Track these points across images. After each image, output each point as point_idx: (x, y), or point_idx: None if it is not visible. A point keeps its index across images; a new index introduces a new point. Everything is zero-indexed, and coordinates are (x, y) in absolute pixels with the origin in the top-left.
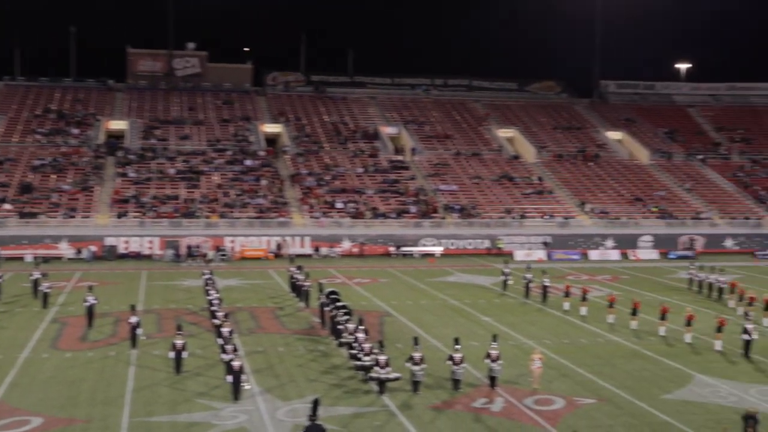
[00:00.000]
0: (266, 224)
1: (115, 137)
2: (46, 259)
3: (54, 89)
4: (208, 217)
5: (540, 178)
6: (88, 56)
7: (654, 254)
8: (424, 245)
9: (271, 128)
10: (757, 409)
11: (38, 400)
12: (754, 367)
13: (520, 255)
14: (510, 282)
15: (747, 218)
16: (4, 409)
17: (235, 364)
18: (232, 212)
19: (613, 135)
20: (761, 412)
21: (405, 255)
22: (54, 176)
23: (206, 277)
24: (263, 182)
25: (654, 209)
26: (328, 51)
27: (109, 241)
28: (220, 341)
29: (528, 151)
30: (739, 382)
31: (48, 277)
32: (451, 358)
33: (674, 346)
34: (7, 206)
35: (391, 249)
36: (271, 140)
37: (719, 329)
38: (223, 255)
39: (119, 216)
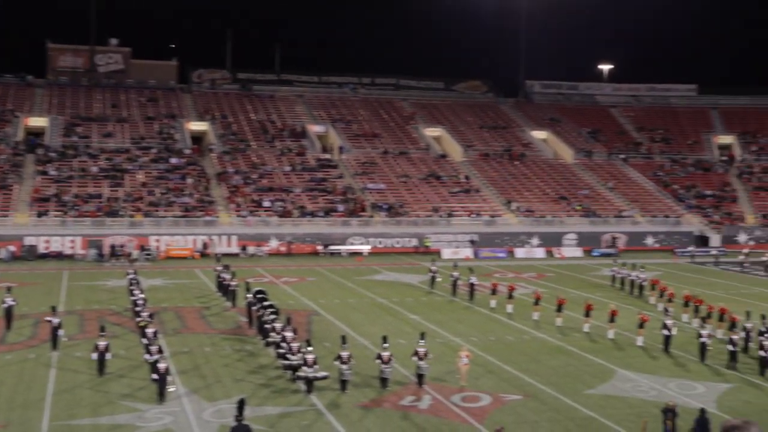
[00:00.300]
0: (192, 223)
1: (35, 134)
2: None
3: None
4: (132, 216)
5: (467, 177)
6: (6, 51)
7: (578, 252)
8: (352, 244)
9: (196, 126)
10: (675, 402)
11: None
12: (673, 361)
13: (447, 253)
14: (438, 279)
15: (667, 216)
16: None
17: (161, 365)
18: (157, 211)
19: (538, 134)
20: (679, 405)
21: (333, 254)
22: None
23: (130, 276)
24: (189, 181)
25: (578, 208)
26: (254, 48)
27: (29, 240)
28: (145, 341)
29: (455, 150)
30: (659, 376)
31: None
32: (379, 357)
33: (598, 342)
34: None
35: (319, 248)
36: (197, 138)
37: (641, 325)
38: (148, 254)
39: (39, 215)
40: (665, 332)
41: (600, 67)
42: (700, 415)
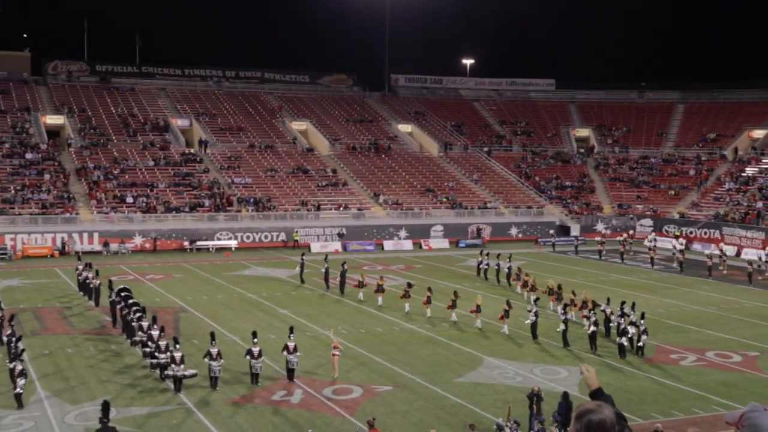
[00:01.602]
0: (50, 221)
1: None
2: None
3: None
4: None
5: (334, 171)
6: None
7: (445, 243)
8: (219, 239)
9: (53, 120)
10: (540, 387)
11: None
12: (538, 347)
13: (316, 247)
14: (306, 271)
15: (530, 207)
16: None
17: (19, 368)
18: (12, 208)
19: (404, 128)
20: (544, 390)
21: (200, 249)
22: None
23: None
24: (46, 176)
25: (444, 200)
26: (113, 39)
27: None
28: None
29: (322, 144)
30: (524, 362)
31: None
32: (249, 352)
33: (465, 331)
34: None
35: (186, 243)
36: (54, 132)
37: (506, 314)
38: (3, 254)
39: None
40: (531, 319)
41: (463, 61)
42: (563, 398)
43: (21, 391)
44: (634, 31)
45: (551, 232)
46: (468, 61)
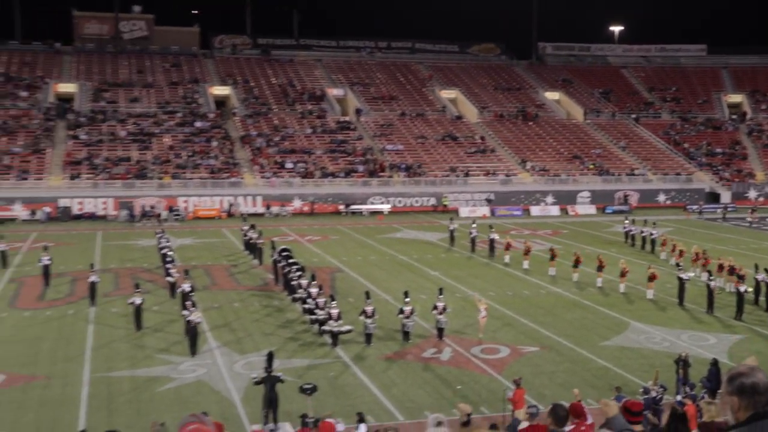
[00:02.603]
0: (218, 185)
1: (65, 100)
2: (1, 221)
3: (0, 52)
4: (160, 178)
5: (482, 138)
6: (33, 19)
7: (591, 209)
8: (373, 203)
9: (219, 90)
10: (687, 352)
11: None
12: (685, 314)
13: (464, 212)
14: (456, 235)
15: (678, 174)
16: None
17: (193, 319)
18: (184, 173)
19: (551, 95)
20: (692, 356)
21: (354, 213)
22: (4, 139)
23: (159, 236)
24: (214, 143)
25: (591, 166)
26: (273, 13)
27: (63, 202)
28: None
29: (470, 112)
30: (671, 328)
31: (5, 238)
32: (401, 311)
33: (610, 295)
34: None
35: (341, 207)
36: (220, 102)
37: (651, 279)
38: (177, 215)
39: (72, 178)
40: (681, 277)
41: (611, 28)
42: (712, 364)
43: (196, 341)
44: None
45: (697, 198)
46: (616, 28)
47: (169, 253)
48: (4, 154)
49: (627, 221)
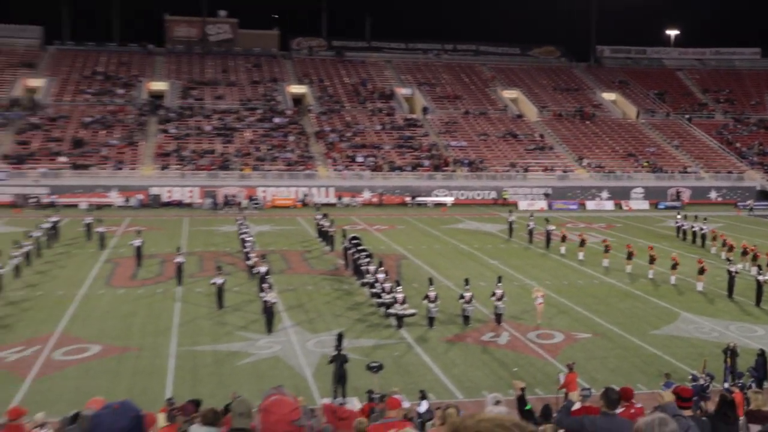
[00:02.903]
0: (294, 176)
1: (156, 97)
2: (99, 207)
3: (100, 53)
4: (242, 169)
5: (541, 135)
6: (129, 23)
7: (645, 205)
8: (437, 196)
9: (296, 89)
10: (736, 343)
11: (96, 331)
12: (734, 306)
13: (523, 205)
14: (515, 227)
15: (730, 172)
16: (66, 338)
17: (269, 299)
18: (263, 165)
19: (608, 96)
20: (739, 346)
21: (419, 204)
22: (103, 132)
23: (240, 223)
24: (291, 138)
25: (645, 164)
26: (347, 17)
27: (154, 190)
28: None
29: (530, 111)
30: (720, 319)
31: (104, 222)
32: (462, 297)
33: (661, 286)
34: (62, 159)
35: (407, 199)
36: (297, 100)
37: (701, 272)
38: (256, 204)
39: (162, 168)
40: (730, 270)
41: (667, 32)
42: (760, 355)
43: (271, 319)
44: None
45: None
46: (672, 32)
47: (248, 238)
48: (103, 146)
49: (679, 217)
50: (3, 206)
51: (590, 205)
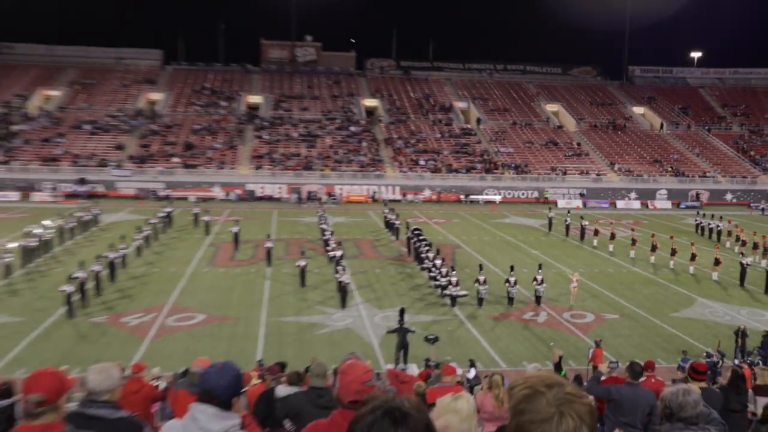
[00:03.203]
0: (366, 176)
1: (253, 108)
2: (204, 200)
3: (207, 72)
4: (322, 170)
5: (578, 144)
6: (232, 46)
7: (668, 204)
8: (487, 194)
9: (369, 102)
10: (746, 325)
11: (201, 302)
12: (745, 293)
13: (561, 203)
14: (554, 222)
15: (744, 177)
16: (177, 307)
17: (343, 280)
18: (340, 166)
19: (638, 110)
20: (749, 328)
21: (472, 202)
22: (209, 138)
23: (320, 215)
24: (364, 144)
25: (669, 169)
26: (413, 41)
27: (249, 186)
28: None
29: (569, 122)
30: (732, 305)
31: (209, 213)
32: (507, 281)
33: (680, 275)
34: (175, 159)
35: (461, 197)
36: (370, 112)
37: (716, 263)
38: (334, 199)
39: (256, 168)
40: (743, 262)
41: (691, 54)
42: (764, 336)
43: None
44: None
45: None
46: (696, 54)
47: (327, 228)
48: (208, 149)
49: (698, 215)
50: (128, 198)
51: (620, 204)
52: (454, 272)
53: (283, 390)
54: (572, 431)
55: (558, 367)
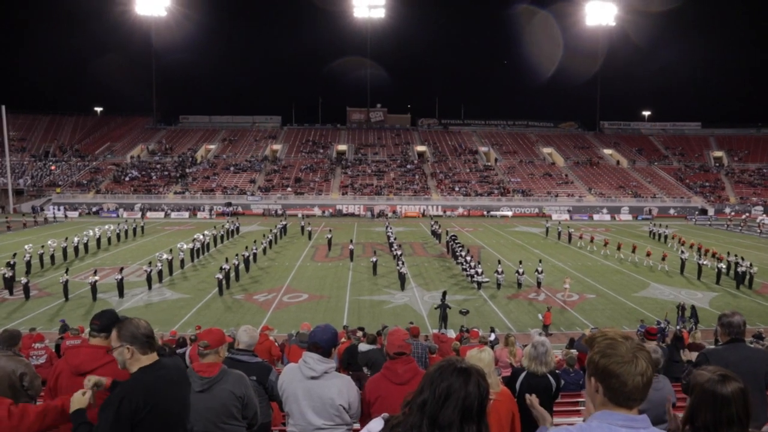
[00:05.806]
0: (417, 199)
1: (341, 153)
2: (308, 216)
3: (311, 129)
4: (388, 195)
5: (566, 175)
6: (327, 111)
7: (629, 217)
8: (502, 211)
9: (420, 148)
10: (684, 301)
11: (305, 286)
12: (684, 279)
13: (555, 216)
14: (549, 230)
15: (682, 197)
16: (289, 289)
17: (402, 271)
18: (400, 192)
19: (607, 151)
20: (686, 303)
21: (492, 216)
22: (311, 174)
23: (386, 226)
24: (416, 176)
25: (630, 192)
26: (451, 105)
27: (338, 206)
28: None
29: (559, 160)
30: (674, 287)
31: (311, 225)
32: (517, 271)
33: (639, 267)
34: (288, 189)
35: (484, 213)
36: (420, 155)
37: (663, 258)
38: (395, 215)
39: (343, 194)
40: (682, 257)
41: (643, 112)
42: (692, 308)
43: (404, 279)
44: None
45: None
46: (647, 112)
47: (391, 235)
48: (311, 181)
49: (650, 224)
50: (258, 215)
51: (596, 217)
52: (479, 265)
53: (363, 347)
54: (645, 369)
55: (545, 328)
